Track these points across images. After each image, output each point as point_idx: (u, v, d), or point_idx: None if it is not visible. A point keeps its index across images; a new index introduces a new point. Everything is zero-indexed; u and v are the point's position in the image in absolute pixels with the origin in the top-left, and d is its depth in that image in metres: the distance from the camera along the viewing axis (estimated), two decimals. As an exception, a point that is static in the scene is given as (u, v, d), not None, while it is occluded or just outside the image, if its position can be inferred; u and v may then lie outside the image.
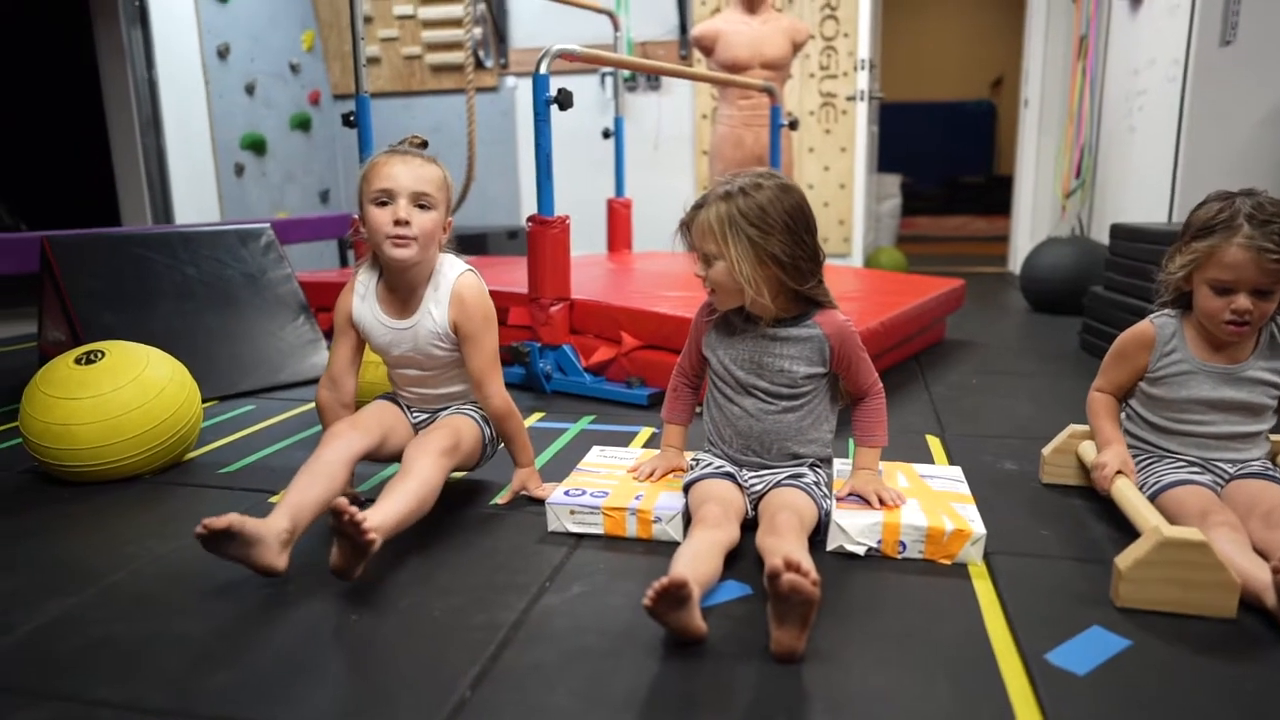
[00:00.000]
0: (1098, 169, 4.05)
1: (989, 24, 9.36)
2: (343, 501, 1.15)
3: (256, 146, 4.73)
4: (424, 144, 1.47)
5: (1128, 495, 1.36)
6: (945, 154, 9.64)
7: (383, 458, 1.50)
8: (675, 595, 1.02)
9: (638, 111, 5.14)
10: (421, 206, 1.40)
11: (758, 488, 1.40)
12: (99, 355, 1.70)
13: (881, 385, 1.46)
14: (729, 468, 1.42)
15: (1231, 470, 1.39)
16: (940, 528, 1.32)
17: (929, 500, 1.43)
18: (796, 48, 3.96)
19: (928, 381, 2.48)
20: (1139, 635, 1.11)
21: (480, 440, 1.54)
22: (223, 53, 4.46)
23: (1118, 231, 2.82)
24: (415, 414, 1.57)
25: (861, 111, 4.23)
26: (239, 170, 4.61)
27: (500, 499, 1.57)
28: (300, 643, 1.10)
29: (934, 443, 1.93)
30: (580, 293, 2.43)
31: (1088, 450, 1.59)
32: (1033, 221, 4.96)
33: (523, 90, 5.19)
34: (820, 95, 5.02)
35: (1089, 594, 1.22)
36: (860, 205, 4.37)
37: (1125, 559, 1.17)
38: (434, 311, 1.47)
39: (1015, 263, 5.05)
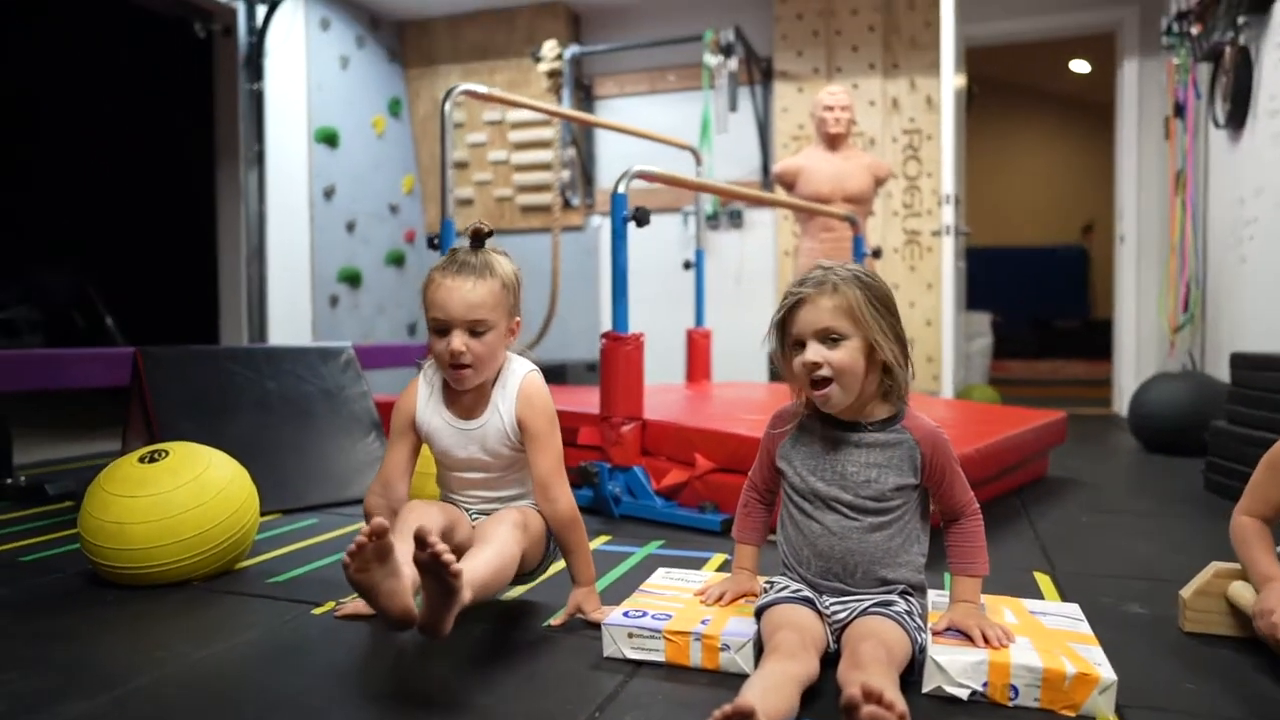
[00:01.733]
0: (1207, 302, 3.82)
1: (1077, 168, 9.34)
2: (426, 528, 1.05)
3: (352, 279, 4.94)
4: (489, 234, 1.42)
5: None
6: (1037, 298, 9.44)
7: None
8: None
9: (720, 248, 5.21)
10: (476, 334, 1.36)
11: (841, 616, 1.23)
12: (163, 454, 1.69)
13: (978, 506, 1.29)
14: (808, 593, 1.26)
15: None
16: (1060, 670, 1.12)
17: (1043, 639, 1.22)
18: (879, 183, 3.96)
19: (1031, 518, 2.26)
20: (1331, 817, 0.88)
21: (544, 533, 1.45)
22: (329, 193, 4.75)
23: (1240, 361, 2.60)
24: (474, 515, 1.49)
25: (948, 246, 4.15)
26: (334, 301, 4.81)
27: (555, 620, 1.43)
28: (313, 765, 0.97)
29: (1044, 580, 1.71)
30: (654, 414, 2.34)
31: (1241, 592, 1.35)
32: (1137, 360, 4.69)
33: (607, 229, 5.34)
34: (905, 233, 4.99)
35: (1257, 762, 0.99)
36: (949, 341, 4.21)
37: None
38: (502, 409, 1.44)
39: (1121, 403, 4.75)
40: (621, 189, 2.25)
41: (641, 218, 2.23)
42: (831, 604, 1.25)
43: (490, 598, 1.22)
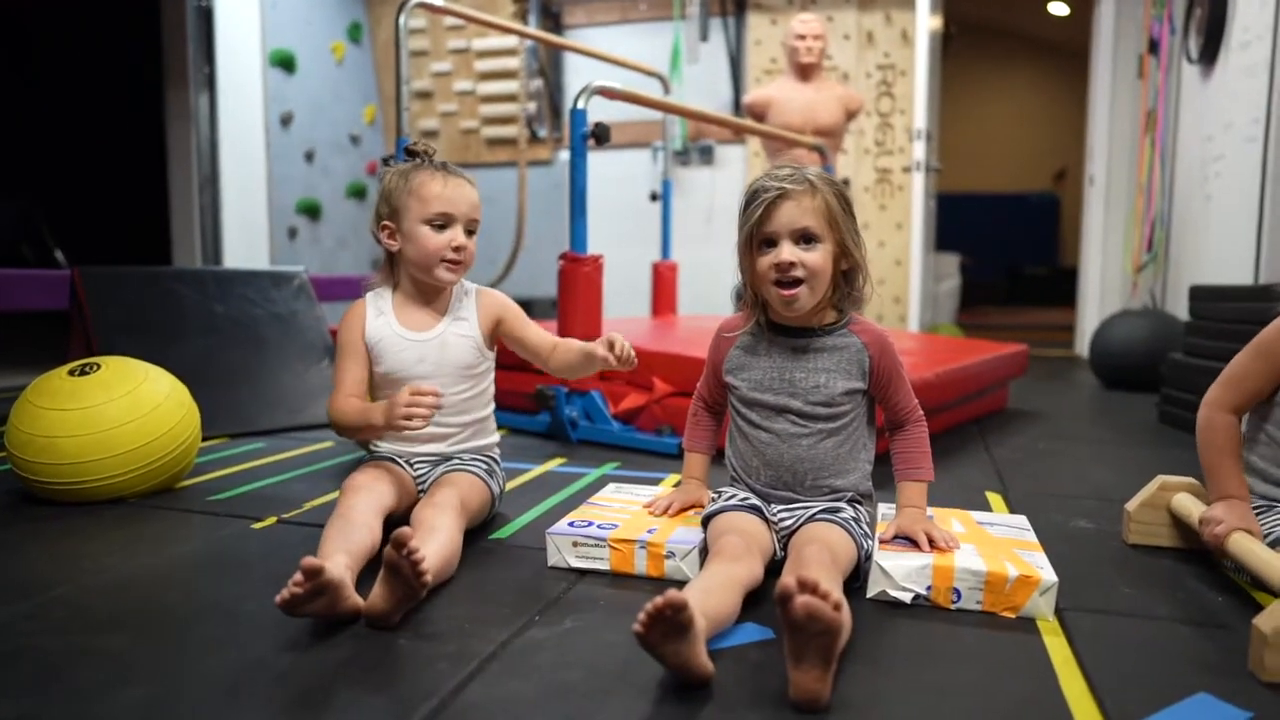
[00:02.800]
0: (1171, 241, 3.83)
1: (1053, 115, 9.29)
2: (408, 531, 1.00)
3: (311, 211, 4.81)
4: (436, 151, 1.46)
5: (1255, 551, 1.13)
6: (1008, 245, 9.45)
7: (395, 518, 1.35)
8: (672, 620, 0.84)
9: (691, 184, 5.12)
10: (470, 233, 1.43)
11: (788, 523, 1.22)
12: (94, 368, 1.62)
13: (922, 413, 1.28)
14: (756, 501, 1.24)
15: None
16: (1002, 573, 1.11)
17: (988, 546, 1.22)
18: (850, 115, 3.89)
19: (989, 444, 2.26)
20: (1265, 708, 0.88)
21: (488, 498, 1.43)
22: (286, 120, 4.59)
23: (1198, 294, 2.60)
24: (416, 466, 1.45)
25: (918, 182, 4.11)
26: (293, 233, 4.68)
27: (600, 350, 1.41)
28: (233, 666, 0.94)
29: (995, 499, 1.71)
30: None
31: (1185, 504, 1.35)
32: (1101, 302, 4.71)
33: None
34: (876, 171, 4.94)
35: (1192, 658, 0.99)
36: (917, 281, 4.20)
37: (1268, 621, 0.93)
38: (466, 319, 1.46)
39: (1083, 345, 4.78)
40: (581, 104, 2.17)
41: (601, 134, 2.16)
42: (779, 511, 1.23)
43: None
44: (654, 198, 3.69)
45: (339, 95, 5.01)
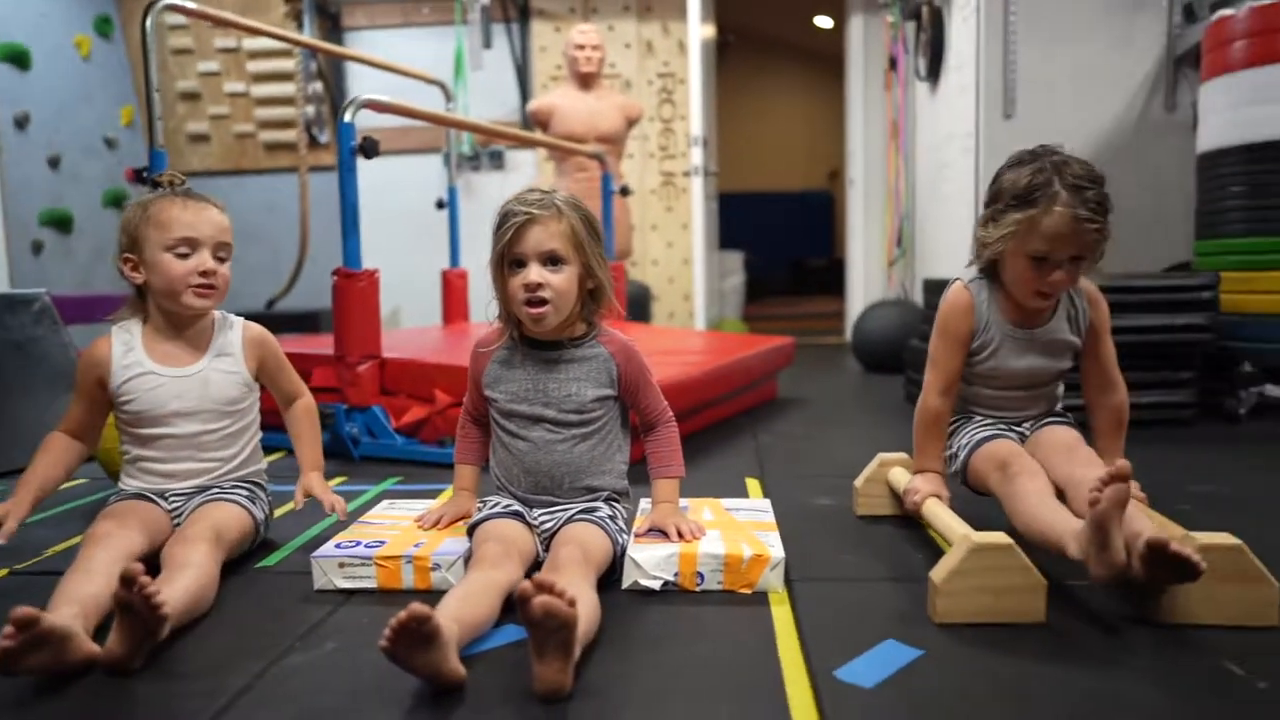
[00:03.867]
0: (916, 237, 4.30)
1: (824, 118, 10.02)
2: (137, 568, 0.95)
3: (60, 223, 4.37)
4: (185, 182, 1.41)
5: (939, 514, 1.32)
6: (789, 240, 10.12)
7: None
8: (417, 632, 0.88)
9: (482, 189, 5.12)
10: (220, 258, 1.38)
11: (549, 525, 1.29)
12: None
13: (672, 414, 1.39)
14: (518, 507, 1.31)
15: (1029, 429, 1.44)
16: (739, 554, 1.24)
17: (731, 530, 1.35)
18: (630, 123, 4.05)
19: (756, 432, 2.46)
20: (935, 645, 1.05)
21: (250, 527, 1.40)
22: (21, 122, 4.14)
23: (930, 286, 2.95)
24: (171, 500, 1.38)
25: (697, 186, 4.35)
26: (37, 247, 4.23)
27: (296, 504, 1.47)
28: (-48, 730, 0.89)
29: (752, 484, 1.88)
30: (394, 352, 2.29)
31: (898, 477, 1.56)
32: (865, 292, 5.19)
33: (364, 168, 5.08)
34: (661, 174, 5.16)
35: (889, 611, 1.16)
36: (701, 278, 4.44)
37: (939, 572, 1.12)
38: (231, 354, 1.43)
39: (850, 332, 5.25)
40: (348, 118, 2.15)
41: (369, 149, 2.14)
42: (540, 515, 1.30)
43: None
44: (440, 205, 3.67)
45: (88, 95, 4.58)
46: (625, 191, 3.61)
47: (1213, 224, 2.58)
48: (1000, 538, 1.11)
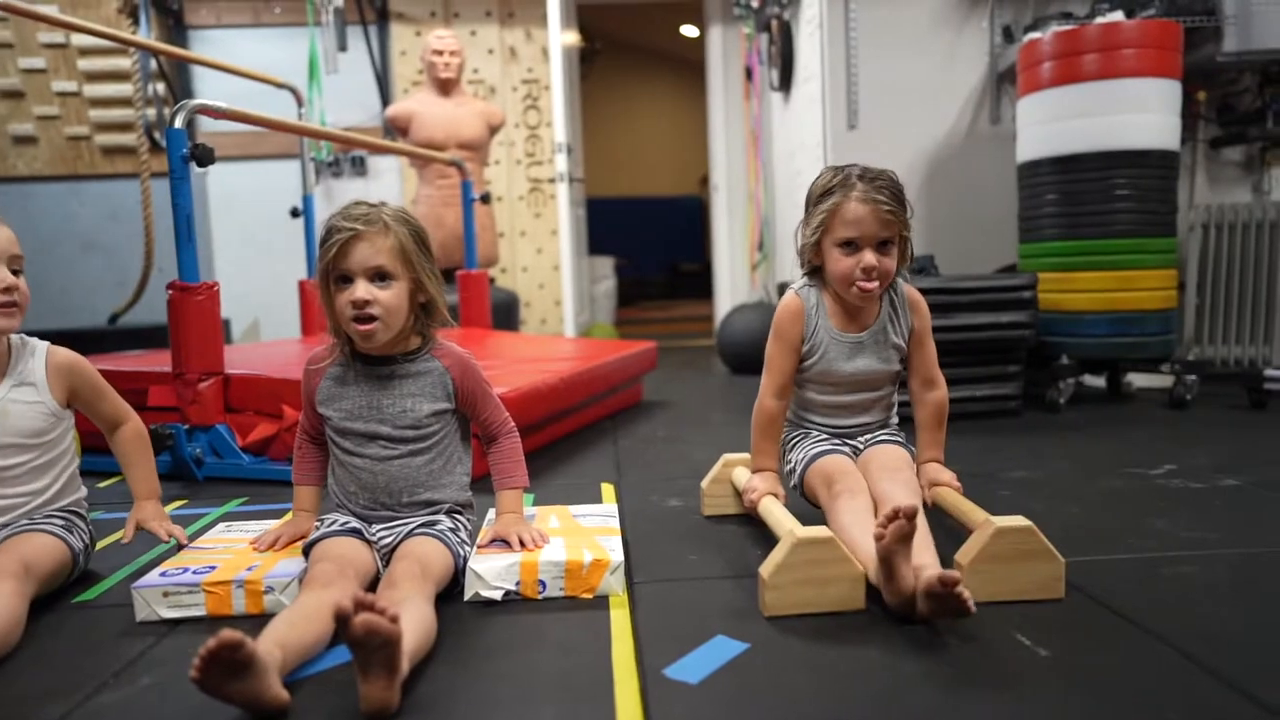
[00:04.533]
0: (775, 241, 4.46)
1: (692, 125, 10.23)
2: None
3: None
4: None
5: (770, 509, 1.39)
6: (664, 245, 10.29)
7: None
8: (229, 660, 0.86)
9: (343, 196, 4.95)
10: (16, 271, 1.29)
11: (388, 541, 1.27)
12: None
13: (514, 425, 1.40)
14: (356, 524, 1.28)
15: (863, 442, 1.50)
16: (579, 560, 1.26)
17: (574, 536, 1.37)
18: (493, 130, 4.03)
19: (617, 437, 2.50)
20: (760, 638, 1.10)
21: (66, 558, 1.31)
22: None
23: (781, 290, 3.07)
24: None
25: (563, 192, 4.36)
26: None
27: (124, 538, 1.41)
28: None
29: (607, 489, 1.91)
30: (240, 368, 2.19)
31: (741, 476, 1.62)
32: (732, 295, 5.34)
33: (214, 174, 4.84)
34: (529, 181, 5.14)
35: (723, 607, 1.21)
36: (569, 284, 4.45)
37: (766, 567, 1.17)
38: (33, 383, 1.32)
39: (716, 334, 5.39)
40: (178, 124, 2.04)
41: (202, 157, 2.05)
42: (379, 531, 1.29)
43: None
44: (295, 214, 3.54)
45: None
46: (486, 199, 3.59)
47: (1032, 229, 2.81)
48: (822, 531, 1.18)
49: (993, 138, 3.28)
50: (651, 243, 10.04)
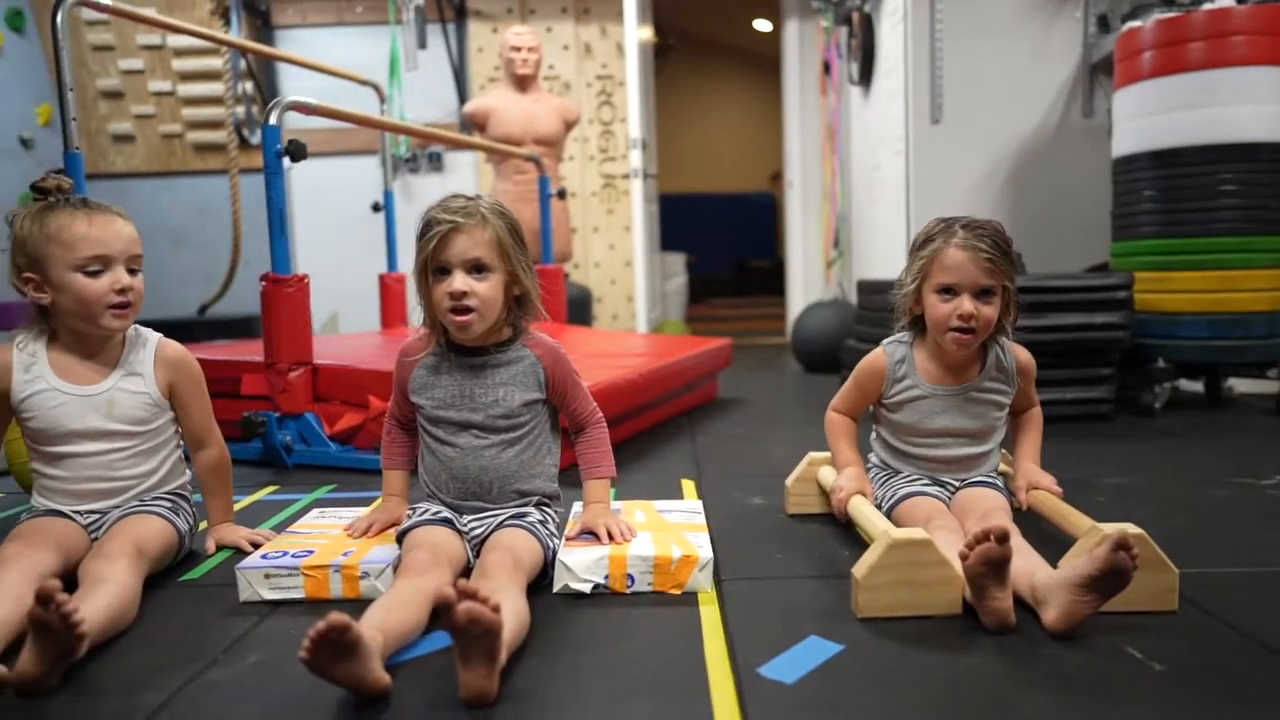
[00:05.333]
0: (851, 238, 4.38)
1: (765, 120, 10.15)
2: (53, 585, 0.92)
3: (-24, 227, 4.19)
4: (73, 186, 1.33)
5: (862, 510, 1.36)
6: (734, 242, 10.23)
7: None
8: (337, 642, 0.88)
9: (420, 191, 5.06)
10: (133, 271, 1.33)
11: (478, 532, 1.29)
12: None
13: (602, 415, 1.40)
14: (447, 514, 1.30)
15: (957, 484, 1.45)
16: (668, 556, 1.26)
17: (662, 532, 1.37)
18: (569, 126, 4.06)
19: (694, 434, 2.49)
20: (855, 639, 1.08)
21: (174, 539, 1.36)
22: (-69, 122, 3.96)
23: (864, 287, 3.02)
24: (86, 515, 1.34)
25: (636, 189, 4.37)
26: (-49, 252, 4.05)
27: (209, 548, 1.45)
28: None
29: (688, 485, 1.90)
30: (327, 359, 2.25)
31: (827, 475, 1.60)
32: (805, 293, 5.27)
33: (298, 170, 4.98)
34: (602, 177, 5.17)
35: (813, 607, 1.19)
36: (642, 280, 4.46)
37: (860, 567, 1.15)
38: (140, 374, 1.36)
39: (790, 332, 5.33)
40: (272, 120, 2.11)
41: (296, 152, 2.11)
42: (470, 521, 1.30)
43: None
44: (376, 208, 3.62)
45: (1, 92, 4.40)
46: (562, 194, 3.61)
47: (1127, 226, 2.69)
48: (917, 533, 1.15)
49: (1085, 131, 3.17)
50: (720, 239, 9.98)
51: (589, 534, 1.33)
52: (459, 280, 1.23)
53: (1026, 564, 1.13)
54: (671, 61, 9.06)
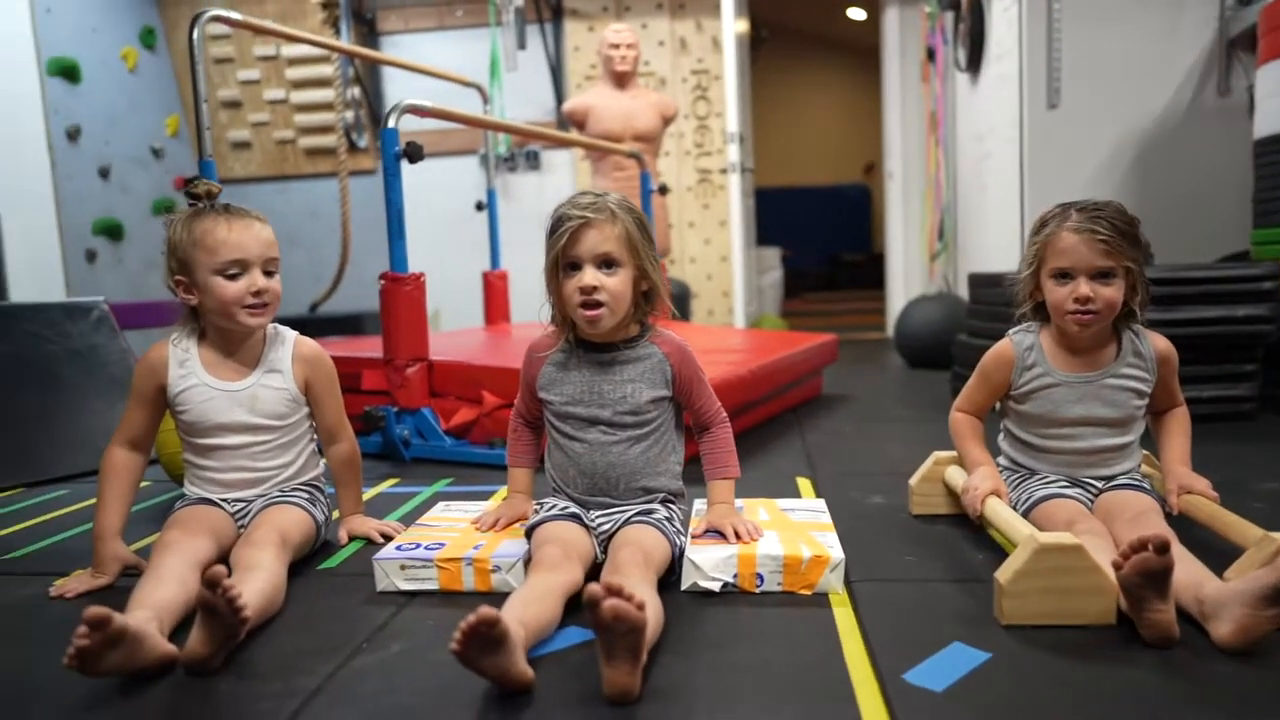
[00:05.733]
0: (958, 229, 4.24)
1: (858, 111, 9.93)
2: (221, 571, 0.98)
3: (112, 232, 4.47)
4: (221, 191, 1.41)
5: (1000, 512, 1.30)
6: (827, 235, 10.05)
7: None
8: (486, 635, 0.89)
9: (518, 189, 5.15)
10: (269, 273, 1.38)
11: (606, 527, 1.29)
12: None
13: (726, 415, 1.39)
14: (575, 509, 1.31)
15: (1100, 485, 1.37)
16: (798, 556, 1.23)
17: (788, 531, 1.34)
18: (666, 121, 4.05)
19: (803, 430, 2.45)
20: (1002, 647, 1.04)
21: (312, 529, 1.43)
22: (73, 134, 4.24)
23: (975, 280, 2.91)
24: (233, 504, 1.41)
25: (734, 183, 4.33)
26: (91, 256, 4.34)
27: (341, 538, 1.52)
28: (41, 731, 0.92)
29: (804, 483, 1.87)
30: (442, 355, 2.31)
31: (954, 475, 1.54)
32: (906, 286, 5.14)
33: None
34: (697, 172, 5.15)
35: (953, 612, 1.15)
36: (739, 275, 4.42)
37: (1004, 572, 1.10)
38: (280, 370, 1.43)
39: (891, 327, 5.20)
40: (391, 124, 2.17)
41: (414, 154, 2.16)
42: (598, 517, 1.31)
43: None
44: (480, 207, 3.70)
45: (136, 105, 4.68)
46: (663, 190, 3.61)
47: (1271, 212, 2.51)
48: (1066, 538, 1.09)
49: (1220, 111, 2.97)
50: (812, 233, 9.83)
51: (714, 532, 1.32)
52: (589, 275, 1.24)
53: (1190, 574, 1.07)
54: (764, 53, 8.96)
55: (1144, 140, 3.04)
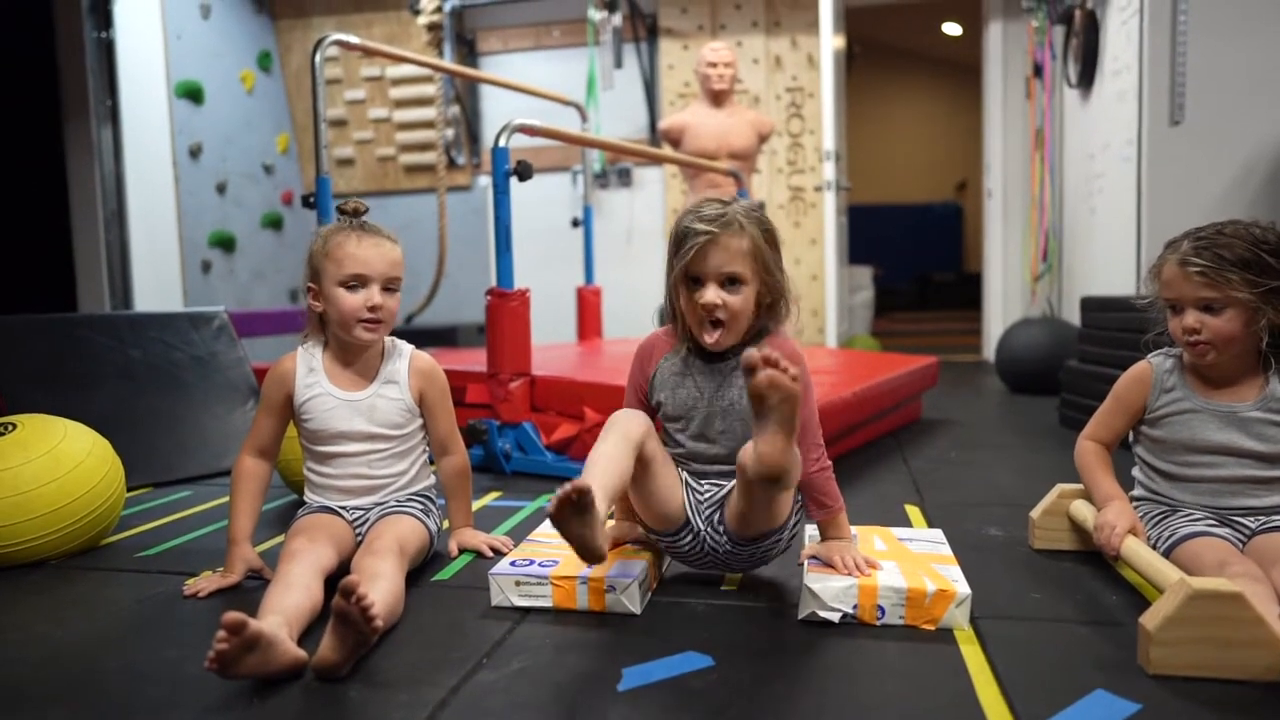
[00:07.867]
0: (1063, 251, 4.08)
1: (952, 128, 9.72)
2: (355, 579, 1.02)
3: (225, 244, 4.69)
4: (365, 211, 1.46)
5: (1140, 552, 1.24)
6: (917, 253, 9.85)
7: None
8: (578, 504, 1.04)
9: (610, 206, 5.19)
10: (389, 290, 1.42)
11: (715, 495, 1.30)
12: (10, 427, 1.58)
13: (824, 448, 1.33)
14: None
15: (1254, 525, 1.28)
16: (922, 588, 1.19)
17: (908, 562, 1.30)
18: (762, 139, 4.02)
19: (906, 456, 2.38)
20: (1152, 698, 0.98)
21: (426, 539, 1.46)
22: (195, 152, 4.47)
23: (1089, 304, 2.79)
24: (351, 511, 1.46)
25: (829, 201, 4.27)
26: (206, 267, 4.56)
27: (452, 550, 1.54)
28: (187, 729, 0.95)
29: (913, 511, 1.81)
30: (543, 370, 2.34)
31: (1081, 510, 1.47)
32: (1004, 308, 4.97)
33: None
34: (789, 189, 5.10)
35: (1089, 657, 1.09)
36: (833, 294, 4.35)
37: (1152, 619, 1.04)
38: (397, 382, 1.47)
39: (989, 349, 5.03)
40: (503, 142, 2.21)
41: (524, 172, 2.20)
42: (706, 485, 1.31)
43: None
44: (576, 224, 3.74)
45: (250, 125, 4.91)
46: (761, 208, 3.58)
47: None
48: (1225, 584, 1.02)
49: (1362, 128, 2.78)
50: (902, 252, 9.65)
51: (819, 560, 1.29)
52: (710, 293, 1.23)
53: None
54: (856, 69, 8.87)
55: (1276, 159, 2.87)
